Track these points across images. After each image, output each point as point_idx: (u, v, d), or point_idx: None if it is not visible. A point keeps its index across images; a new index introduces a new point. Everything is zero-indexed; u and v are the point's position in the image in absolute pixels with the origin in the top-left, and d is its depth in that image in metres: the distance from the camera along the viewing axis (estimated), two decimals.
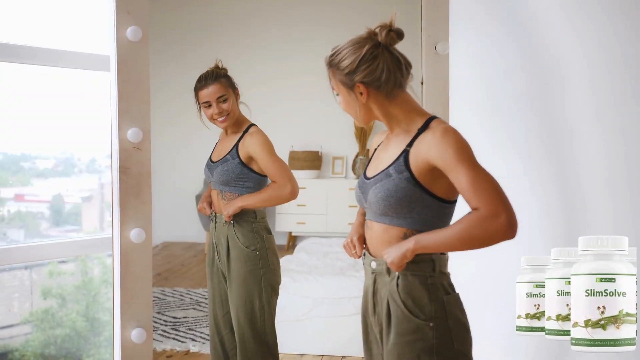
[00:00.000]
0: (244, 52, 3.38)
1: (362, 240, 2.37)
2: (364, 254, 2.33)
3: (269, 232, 3.24)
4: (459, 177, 2.07)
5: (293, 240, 3.98)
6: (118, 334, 2.70)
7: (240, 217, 3.17)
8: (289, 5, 3.51)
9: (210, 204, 3.26)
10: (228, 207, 3.15)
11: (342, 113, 2.31)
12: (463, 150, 2.08)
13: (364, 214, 2.41)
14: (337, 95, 2.26)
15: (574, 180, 3.17)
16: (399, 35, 2.20)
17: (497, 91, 3.25)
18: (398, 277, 2.19)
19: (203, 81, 3.16)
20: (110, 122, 2.72)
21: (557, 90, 3.17)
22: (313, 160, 3.80)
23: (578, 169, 3.16)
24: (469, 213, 2.07)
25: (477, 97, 3.25)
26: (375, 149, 2.35)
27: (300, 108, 3.63)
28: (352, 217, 3.90)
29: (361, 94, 2.19)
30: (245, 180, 3.15)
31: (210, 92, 3.15)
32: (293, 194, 3.18)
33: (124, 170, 2.69)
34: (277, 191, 3.15)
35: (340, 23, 3.41)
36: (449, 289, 2.21)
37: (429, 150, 2.12)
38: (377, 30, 2.19)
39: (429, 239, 2.11)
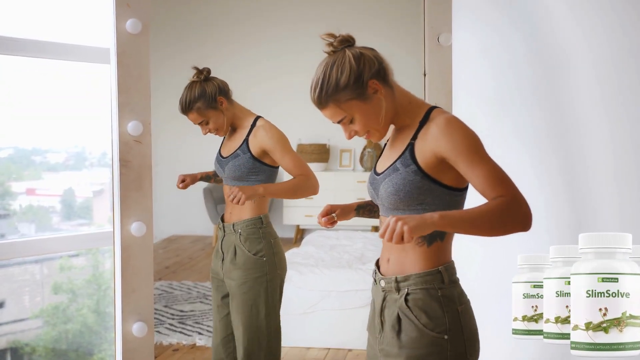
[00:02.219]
0: (247, 49, 3.38)
1: (330, 210, 2.37)
2: (375, 272, 2.28)
3: (275, 236, 3.22)
4: (472, 171, 2.04)
5: (301, 233, 3.98)
6: (119, 328, 2.70)
7: (248, 224, 3.16)
8: (292, 3, 3.50)
9: (185, 180, 3.25)
10: (247, 189, 3.05)
11: None
12: (472, 142, 2.06)
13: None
14: (351, 123, 2.18)
15: (581, 174, 3.14)
16: (347, 35, 2.16)
17: (501, 82, 3.23)
18: (407, 294, 2.15)
19: (181, 110, 3.15)
20: (111, 115, 2.71)
21: (563, 81, 3.15)
22: (321, 153, 3.79)
23: (585, 163, 3.13)
24: (494, 198, 2.00)
25: (480, 89, 3.23)
26: (385, 145, 2.33)
27: (307, 102, 3.62)
28: None
29: (376, 91, 2.14)
30: (258, 174, 3.14)
31: (191, 119, 3.16)
32: (317, 188, 3.18)
33: (124, 163, 2.68)
34: (306, 182, 3.12)
35: (342, 19, 3.40)
36: (462, 298, 2.18)
37: (435, 143, 2.09)
38: (333, 43, 2.15)
39: (455, 214, 1.98)
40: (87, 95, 4.68)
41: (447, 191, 2.13)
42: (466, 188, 2.18)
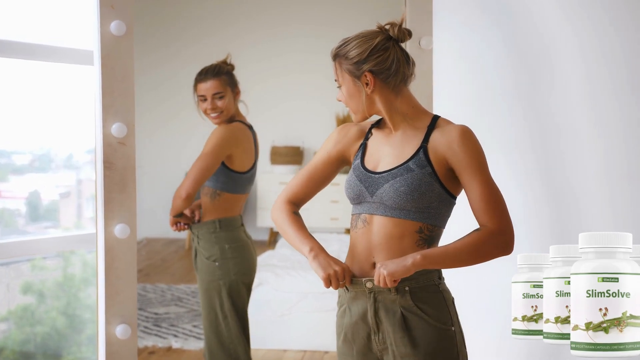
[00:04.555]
0: (230, 52, 3.38)
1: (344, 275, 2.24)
2: (352, 279, 2.26)
3: (233, 241, 3.25)
4: (472, 186, 2.14)
5: (275, 236, 3.97)
6: (102, 330, 2.69)
7: (202, 228, 3.21)
8: (271, 7, 3.51)
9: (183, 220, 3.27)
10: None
11: (323, 108, 2.32)
12: (480, 159, 2.16)
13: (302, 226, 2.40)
14: (340, 87, 2.27)
15: (565, 176, 3.15)
16: (409, 33, 2.25)
17: (483, 85, 3.24)
18: (410, 291, 2.19)
19: (203, 74, 3.20)
20: (94, 117, 2.70)
21: (546, 83, 3.16)
22: (294, 156, 3.80)
23: (568, 163, 3.15)
24: (476, 230, 2.13)
25: (461, 92, 3.24)
26: (364, 143, 2.33)
27: (281, 103, 3.63)
28: (334, 212, 3.92)
29: (367, 84, 2.21)
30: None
31: (207, 86, 3.18)
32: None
33: (108, 165, 2.67)
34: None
35: (323, 21, 3.42)
36: (450, 293, 2.26)
37: (448, 150, 2.17)
38: (387, 26, 2.23)
39: (437, 253, 2.12)
40: (54, 97, 4.64)
41: (449, 198, 2.20)
42: (456, 197, 2.26)
